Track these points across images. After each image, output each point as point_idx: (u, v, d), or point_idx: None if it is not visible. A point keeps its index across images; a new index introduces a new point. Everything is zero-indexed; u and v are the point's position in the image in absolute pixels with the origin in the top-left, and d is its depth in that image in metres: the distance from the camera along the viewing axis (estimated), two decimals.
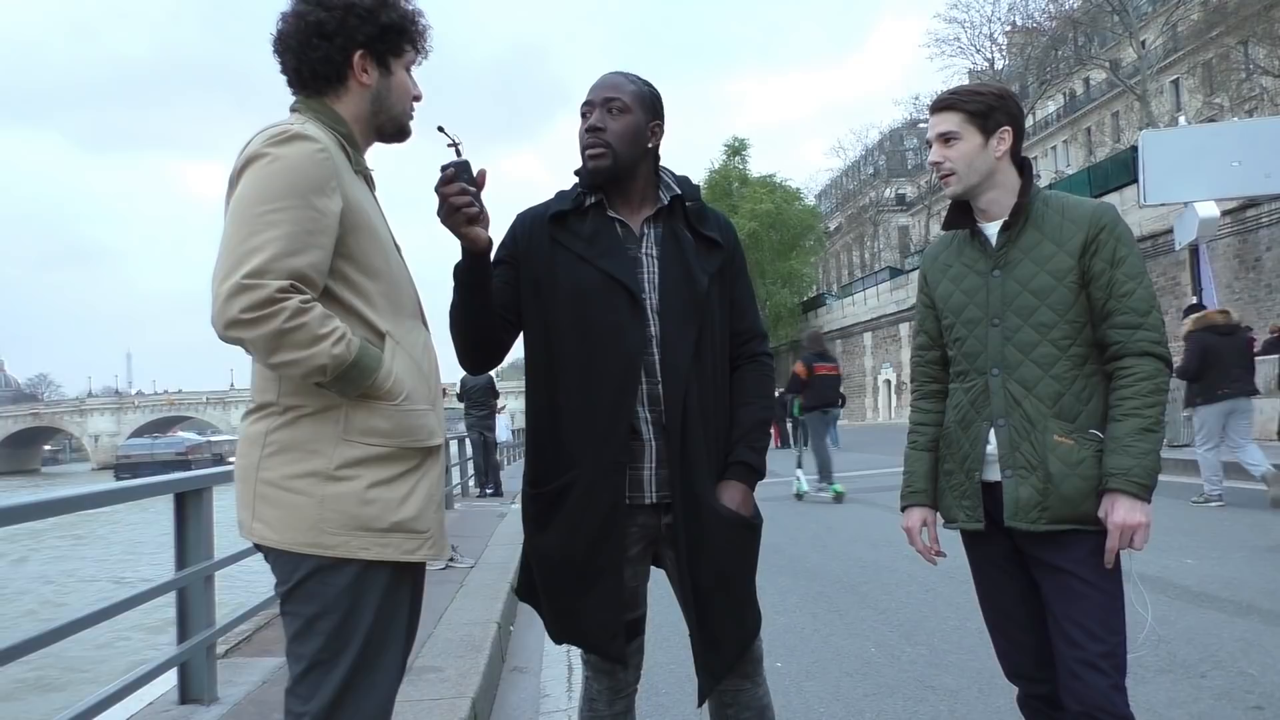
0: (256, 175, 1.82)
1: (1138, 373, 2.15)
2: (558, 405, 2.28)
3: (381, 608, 1.91)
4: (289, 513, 1.85)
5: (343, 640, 1.86)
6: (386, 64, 2.02)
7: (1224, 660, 4.17)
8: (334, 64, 1.97)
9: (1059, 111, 56.83)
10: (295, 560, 1.86)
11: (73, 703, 3.08)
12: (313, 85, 2.00)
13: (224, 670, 4.13)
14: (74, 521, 21.88)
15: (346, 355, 1.80)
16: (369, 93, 2.01)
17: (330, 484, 1.85)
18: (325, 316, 1.79)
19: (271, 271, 1.74)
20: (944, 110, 2.29)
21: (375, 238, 1.95)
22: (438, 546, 2.01)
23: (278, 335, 1.74)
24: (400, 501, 1.91)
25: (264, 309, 1.72)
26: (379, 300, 1.94)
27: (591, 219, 2.31)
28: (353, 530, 1.85)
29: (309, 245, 1.80)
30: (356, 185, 1.95)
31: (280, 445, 1.87)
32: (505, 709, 4.27)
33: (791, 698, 3.94)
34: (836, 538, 8.43)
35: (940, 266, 2.43)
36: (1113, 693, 2.12)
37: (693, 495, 2.23)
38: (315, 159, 1.84)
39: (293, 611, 1.89)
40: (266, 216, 1.78)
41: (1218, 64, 40.58)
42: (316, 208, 1.81)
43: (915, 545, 2.46)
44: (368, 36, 1.97)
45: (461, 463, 14.22)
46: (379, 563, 1.89)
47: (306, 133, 1.86)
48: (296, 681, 1.89)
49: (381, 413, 1.89)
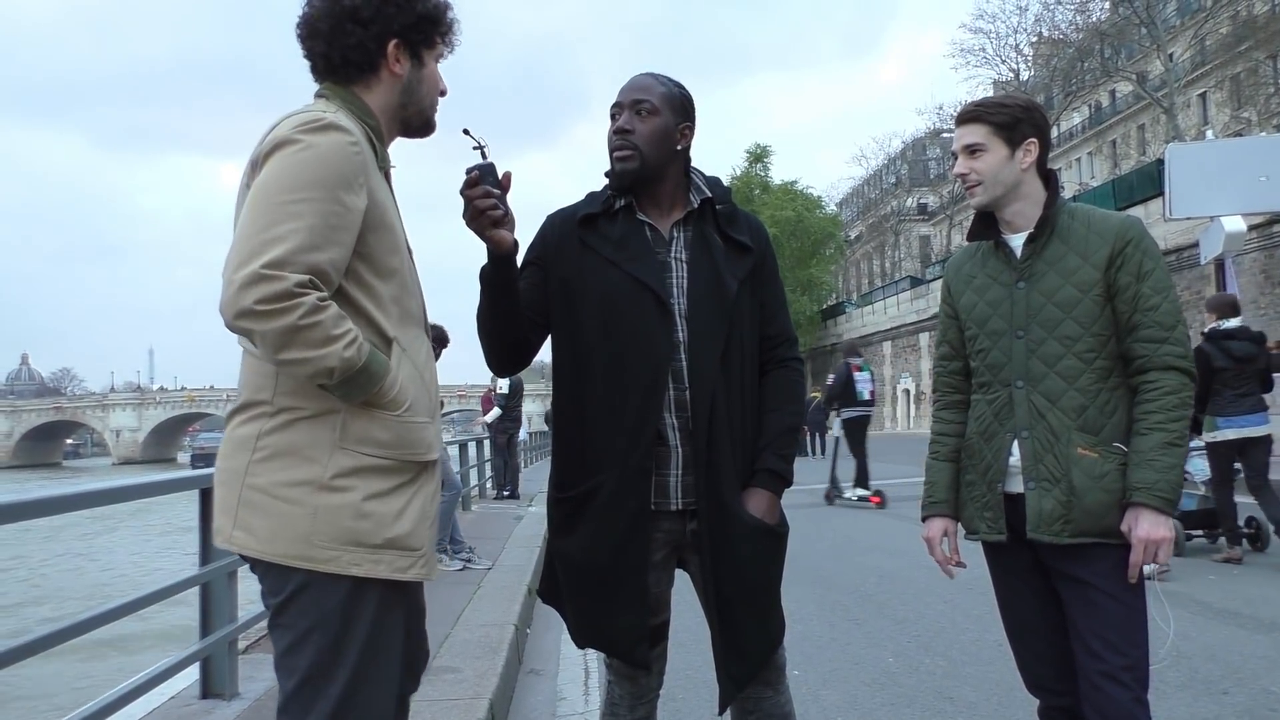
0: (284, 162, 1.72)
1: (1163, 386, 2.15)
2: (584, 409, 2.27)
3: (376, 622, 1.81)
4: (278, 522, 1.75)
5: (337, 655, 1.77)
6: (419, 55, 1.95)
7: (1246, 677, 4.14)
8: (368, 51, 1.88)
9: (1084, 123, 56.50)
10: (286, 574, 1.76)
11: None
12: (342, 73, 1.91)
13: (245, 666, 4.17)
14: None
15: (357, 359, 1.71)
16: (400, 84, 1.93)
17: (324, 494, 1.75)
18: (340, 317, 1.71)
19: (292, 264, 1.65)
20: (970, 122, 2.29)
21: (392, 238, 1.87)
22: (429, 566, 1.91)
23: (291, 331, 1.64)
24: (395, 517, 1.81)
25: (280, 302, 1.63)
26: (389, 305, 1.85)
27: (621, 222, 2.29)
28: (345, 545, 1.75)
29: (331, 241, 1.71)
30: (381, 183, 1.87)
31: (272, 450, 1.76)
32: (522, 711, 4.28)
33: (809, 706, 3.94)
34: (855, 547, 8.41)
35: (964, 277, 2.43)
36: (1135, 706, 2.11)
37: (719, 502, 2.21)
38: (347, 152, 1.75)
39: (285, 624, 1.79)
40: (291, 206, 1.68)
41: (1246, 78, 40.26)
42: (343, 203, 1.72)
43: (935, 555, 2.45)
44: (404, 25, 1.90)
45: (480, 464, 14.21)
46: (372, 579, 1.79)
47: (340, 123, 1.78)
48: (289, 698, 1.78)
49: (381, 422, 1.80)
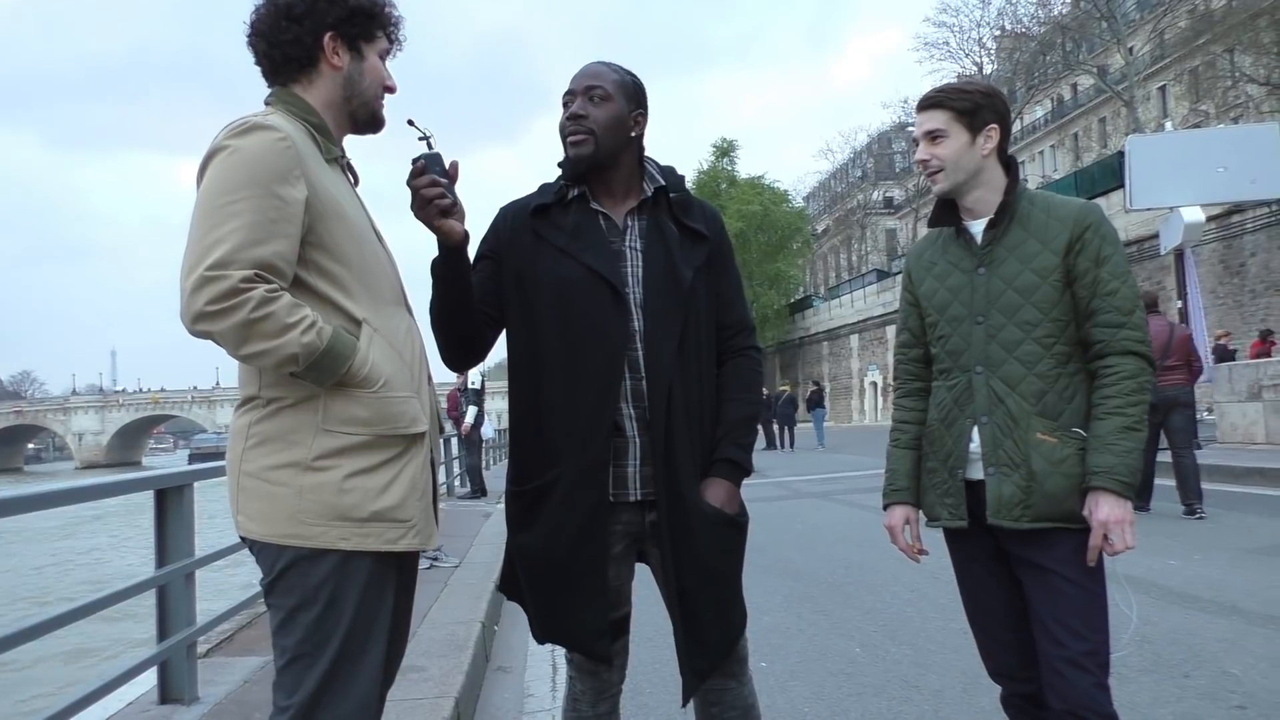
0: (218, 168, 1.81)
1: (1120, 371, 2.15)
2: (540, 402, 2.25)
3: (364, 599, 1.90)
4: (269, 504, 1.85)
5: (324, 633, 1.86)
6: (358, 48, 2.03)
7: (1207, 660, 4.19)
8: (304, 46, 1.97)
9: (1047, 116, 57.12)
10: (276, 552, 1.87)
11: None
12: (285, 71, 2.00)
13: (205, 670, 4.10)
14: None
15: (318, 343, 1.79)
16: (340, 76, 2.01)
17: (308, 474, 1.85)
18: (293, 305, 1.78)
19: (235, 262, 1.73)
20: (931, 108, 2.29)
21: (346, 225, 1.93)
22: (423, 535, 1.99)
23: (245, 326, 1.73)
24: (381, 490, 1.90)
25: (229, 300, 1.72)
26: (354, 287, 1.92)
27: (574, 211, 2.28)
28: (331, 520, 1.85)
29: (273, 234, 1.78)
30: (327, 173, 1.94)
31: (262, 437, 1.87)
32: (489, 709, 4.24)
33: (776, 697, 3.93)
34: (822, 538, 8.43)
35: (925, 264, 2.43)
36: (1096, 691, 2.12)
37: (677, 493, 2.20)
38: (276, 148, 1.82)
39: (275, 603, 1.89)
40: (228, 208, 1.77)
41: (1204, 71, 40.80)
42: (279, 196, 1.80)
43: (898, 543, 2.45)
44: (337, 18, 1.98)
45: (447, 462, 14.13)
46: (360, 554, 1.88)
47: (267, 123, 1.85)
48: (280, 674, 1.89)
49: (360, 401, 1.88)
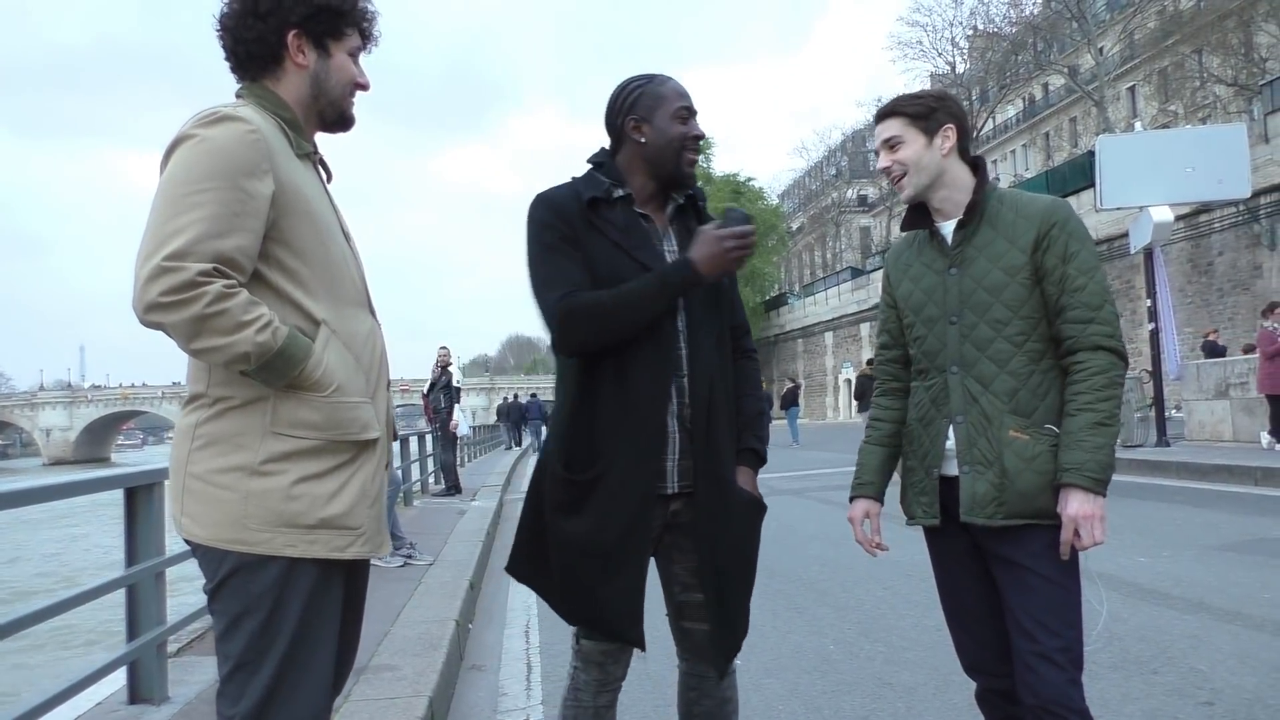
0: (183, 156, 1.77)
1: (1091, 367, 2.17)
2: (594, 392, 2.29)
3: (309, 607, 1.84)
4: (214, 508, 1.80)
5: (267, 640, 1.81)
6: (324, 46, 1.99)
7: (1175, 656, 4.24)
8: (268, 44, 1.93)
9: (1018, 116, 57.63)
10: (219, 556, 1.81)
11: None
12: (250, 67, 1.96)
13: (175, 669, 4.05)
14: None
15: (272, 343, 1.74)
16: (306, 74, 1.97)
17: (255, 479, 1.79)
18: (250, 303, 1.74)
19: (194, 254, 1.69)
20: (887, 118, 2.35)
21: (313, 222, 1.89)
22: (373, 543, 1.94)
23: (198, 320, 1.68)
24: (329, 497, 1.84)
25: (184, 292, 1.67)
26: (315, 286, 1.87)
27: (620, 210, 2.33)
28: (277, 527, 1.79)
29: (235, 228, 1.73)
30: (296, 169, 1.90)
31: (208, 438, 1.82)
32: (463, 708, 4.22)
33: (751, 695, 3.93)
34: (796, 535, 8.46)
35: (902, 266, 2.46)
36: (1069, 687, 2.13)
37: (721, 480, 2.30)
38: (245, 140, 1.78)
39: (219, 610, 1.84)
40: (191, 198, 1.72)
41: (1173, 72, 41.34)
42: (245, 190, 1.75)
43: (856, 536, 2.48)
44: (302, 16, 1.94)
45: (421, 459, 14.05)
46: (306, 561, 1.83)
47: (238, 114, 1.81)
48: (224, 682, 1.84)
49: (311, 404, 1.83)
